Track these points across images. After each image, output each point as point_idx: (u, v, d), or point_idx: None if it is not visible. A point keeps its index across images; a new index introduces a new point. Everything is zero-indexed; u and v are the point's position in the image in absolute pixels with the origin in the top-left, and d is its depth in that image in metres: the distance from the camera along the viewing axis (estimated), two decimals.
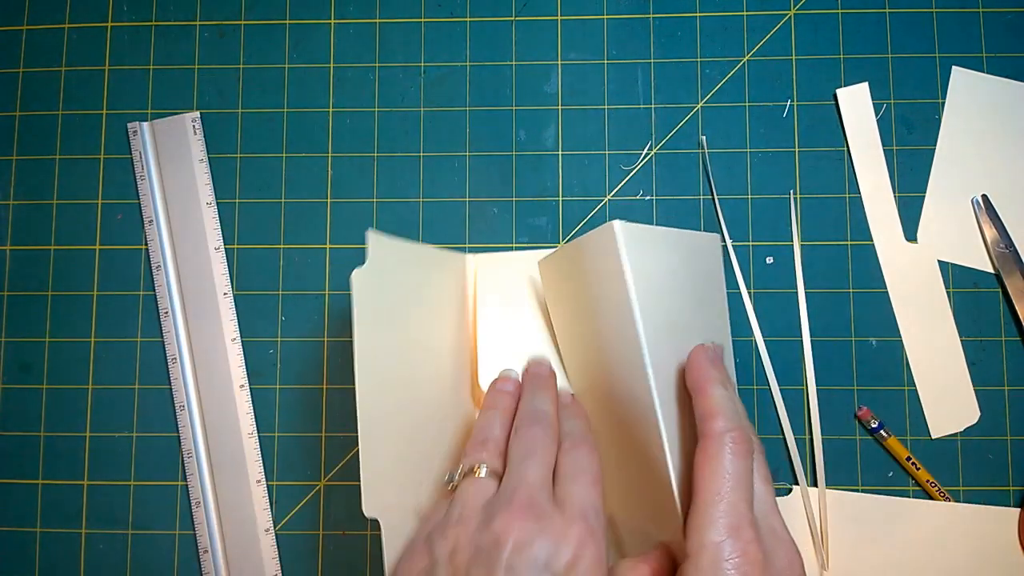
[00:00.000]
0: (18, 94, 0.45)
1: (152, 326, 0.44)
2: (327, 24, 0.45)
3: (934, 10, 0.44)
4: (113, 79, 0.45)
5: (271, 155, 0.45)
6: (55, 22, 0.46)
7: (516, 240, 0.44)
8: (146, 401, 0.43)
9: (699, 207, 0.43)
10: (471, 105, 0.44)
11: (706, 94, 0.44)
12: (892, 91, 0.43)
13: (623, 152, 0.44)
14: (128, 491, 0.43)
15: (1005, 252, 0.41)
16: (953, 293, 0.42)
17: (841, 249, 0.42)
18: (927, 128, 0.43)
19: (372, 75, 0.45)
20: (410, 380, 0.33)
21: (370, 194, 0.44)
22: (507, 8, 0.45)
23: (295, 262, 0.44)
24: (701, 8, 0.44)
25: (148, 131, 0.45)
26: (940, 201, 0.42)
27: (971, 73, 0.43)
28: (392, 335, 0.32)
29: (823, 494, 0.41)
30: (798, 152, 0.43)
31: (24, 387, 0.44)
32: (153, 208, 0.44)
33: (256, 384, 0.43)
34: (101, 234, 0.45)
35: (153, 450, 0.43)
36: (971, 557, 0.40)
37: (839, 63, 0.44)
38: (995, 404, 0.41)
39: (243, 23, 0.45)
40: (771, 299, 0.42)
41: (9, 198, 0.45)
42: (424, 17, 0.45)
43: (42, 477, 0.43)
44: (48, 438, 0.44)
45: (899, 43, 0.44)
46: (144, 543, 0.43)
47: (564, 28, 0.45)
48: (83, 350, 0.44)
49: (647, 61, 0.44)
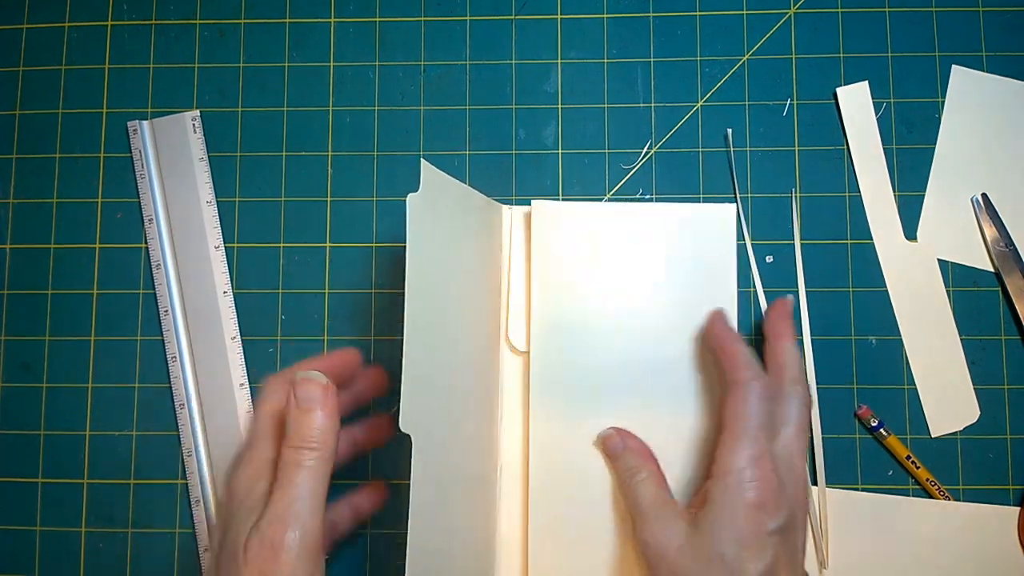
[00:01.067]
0: (18, 93, 0.45)
1: (152, 325, 0.44)
2: (327, 23, 0.45)
3: (934, 9, 0.44)
4: (113, 78, 0.45)
5: (271, 154, 0.45)
6: (55, 21, 0.46)
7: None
8: (146, 400, 0.43)
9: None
10: (471, 104, 0.44)
11: (706, 93, 0.44)
12: (892, 90, 0.43)
13: (623, 151, 0.44)
14: (128, 490, 0.43)
15: (1005, 251, 0.41)
16: (953, 292, 0.42)
17: (841, 248, 0.42)
18: (927, 127, 0.43)
19: (372, 74, 0.45)
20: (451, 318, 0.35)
21: (370, 193, 0.44)
22: (507, 7, 0.45)
23: (295, 261, 0.44)
24: (701, 7, 0.44)
25: (148, 130, 0.45)
26: (940, 200, 0.42)
27: (971, 72, 0.43)
28: (440, 269, 0.34)
29: (823, 493, 0.41)
30: (798, 151, 0.43)
31: (24, 386, 0.44)
32: (153, 207, 0.44)
33: (256, 383, 0.43)
34: (101, 233, 0.45)
35: (153, 449, 0.43)
36: (971, 556, 0.40)
37: (839, 62, 0.44)
38: (995, 403, 0.41)
39: (243, 22, 0.45)
40: (771, 298, 0.42)
41: (9, 197, 0.45)
42: (424, 16, 0.45)
43: (42, 476, 0.43)
44: (48, 437, 0.44)
45: (899, 42, 0.44)
46: (144, 542, 0.43)
47: (564, 27, 0.45)
48: (83, 349, 0.44)
49: (647, 60, 0.44)
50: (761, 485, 0.32)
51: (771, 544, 0.31)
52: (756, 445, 0.33)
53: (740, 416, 0.33)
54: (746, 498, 0.31)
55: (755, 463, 0.32)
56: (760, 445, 0.33)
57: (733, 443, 0.33)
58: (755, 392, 0.34)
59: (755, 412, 0.33)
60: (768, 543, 0.31)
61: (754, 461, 0.32)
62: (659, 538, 0.33)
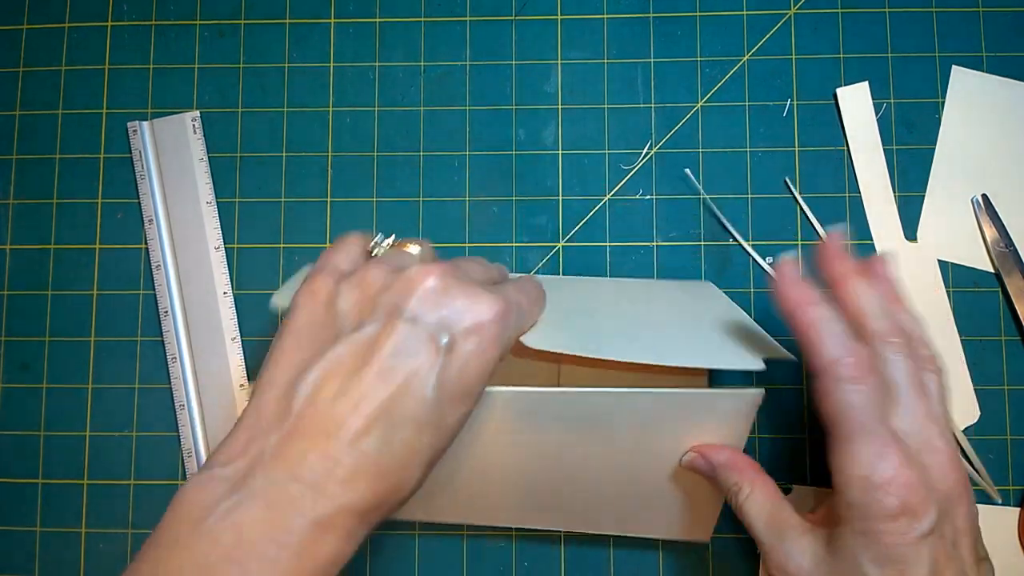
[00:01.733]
0: (18, 93, 0.45)
1: (152, 325, 0.44)
2: (327, 23, 0.45)
3: (934, 9, 0.44)
4: (113, 78, 0.45)
5: (271, 154, 0.45)
6: (55, 21, 0.46)
7: (516, 239, 0.43)
8: (146, 400, 0.43)
9: (698, 206, 0.43)
10: (471, 104, 0.44)
11: (706, 93, 0.44)
12: (892, 90, 0.43)
13: (623, 151, 0.44)
14: (128, 490, 0.43)
15: (1005, 252, 0.41)
16: (953, 292, 0.42)
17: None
18: (927, 127, 0.43)
19: (372, 74, 0.45)
20: None
21: (370, 193, 0.44)
22: (507, 7, 0.45)
23: (295, 262, 0.44)
24: (701, 7, 0.44)
25: (148, 130, 0.45)
26: (940, 200, 0.42)
27: (971, 72, 0.43)
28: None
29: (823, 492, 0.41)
30: (798, 151, 0.43)
31: (23, 386, 0.44)
32: (153, 207, 0.44)
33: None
34: (101, 233, 0.45)
35: (153, 449, 0.43)
36: None
37: (839, 62, 0.44)
38: (995, 404, 0.41)
39: (243, 22, 0.45)
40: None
41: (9, 197, 0.45)
42: (424, 16, 0.45)
43: (42, 476, 0.43)
44: (48, 437, 0.44)
45: (899, 42, 0.44)
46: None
47: (564, 27, 0.45)
48: (83, 349, 0.44)
49: (647, 60, 0.44)
50: (894, 488, 0.25)
51: (926, 547, 0.25)
52: (872, 442, 0.26)
53: (842, 411, 0.27)
54: (881, 508, 0.25)
55: (879, 463, 0.26)
56: (877, 440, 0.26)
57: (844, 447, 0.26)
58: (848, 373, 0.27)
59: (856, 402, 0.26)
60: (922, 548, 0.25)
61: (876, 461, 0.26)
62: (789, 569, 0.28)
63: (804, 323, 0.28)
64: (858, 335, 0.28)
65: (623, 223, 0.43)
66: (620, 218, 0.43)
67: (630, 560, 0.41)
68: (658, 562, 0.41)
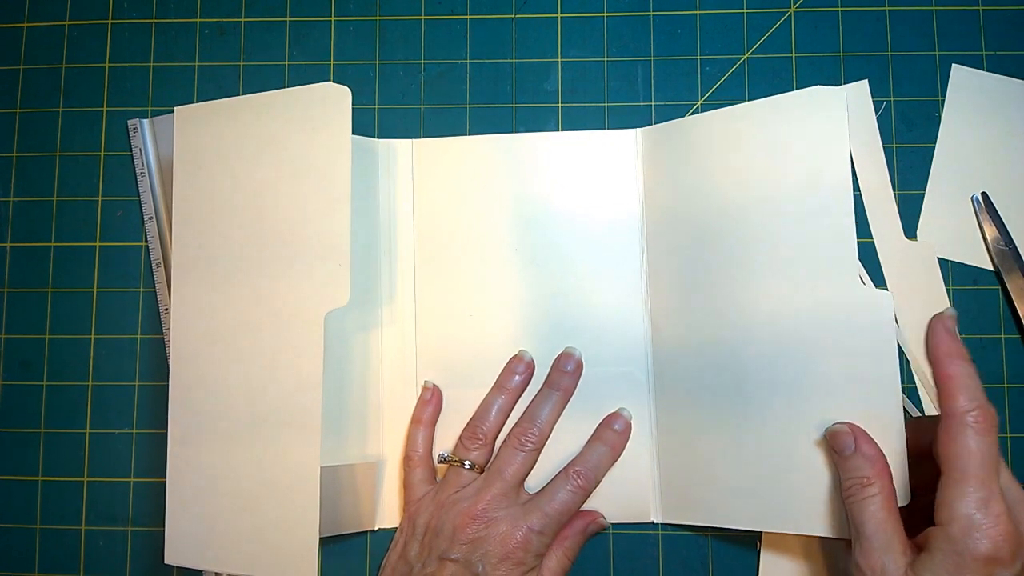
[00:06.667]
0: (18, 91, 0.45)
1: (152, 323, 0.44)
2: (327, 21, 0.45)
3: (934, 8, 0.44)
4: (113, 76, 0.45)
5: None
6: (56, 19, 0.46)
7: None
8: (146, 398, 0.43)
9: None
10: (471, 102, 0.44)
11: (706, 91, 0.44)
12: (892, 89, 0.43)
13: None
14: (128, 487, 0.43)
15: (1005, 250, 0.41)
16: (953, 291, 0.42)
17: None
18: (927, 126, 0.43)
19: (372, 72, 0.45)
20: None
21: None
22: (507, 5, 0.45)
23: None
24: (701, 5, 0.44)
25: (148, 128, 0.45)
26: (940, 199, 0.42)
27: (971, 71, 0.43)
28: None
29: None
30: None
31: (24, 383, 0.44)
32: (153, 205, 0.44)
33: None
34: (101, 231, 0.45)
35: (152, 447, 0.43)
36: None
37: (839, 60, 0.44)
38: (995, 402, 0.40)
39: (243, 20, 0.46)
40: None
41: (9, 195, 0.45)
42: (424, 15, 0.45)
43: (42, 474, 0.43)
44: (48, 435, 0.44)
45: (899, 41, 0.44)
46: (144, 540, 0.43)
47: (564, 25, 0.45)
48: (83, 347, 0.44)
49: (647, 58, 0.44)
50: (994, 533, 0.29)
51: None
52: (983, 488, 0.29)
53: (960, 455, 0.30)
54: (977, 550, 0.29)
55: (985, 508, 0.29)
56: (988, 488, 0.29)
57: (956, 487, 0.30)
58: (971, 427, 0.30)
59: (976, 449, 0.30)
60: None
61: (983, 506, 0.29)
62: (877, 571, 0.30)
63: (947, 372, 0.32)
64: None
65: None
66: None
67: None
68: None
